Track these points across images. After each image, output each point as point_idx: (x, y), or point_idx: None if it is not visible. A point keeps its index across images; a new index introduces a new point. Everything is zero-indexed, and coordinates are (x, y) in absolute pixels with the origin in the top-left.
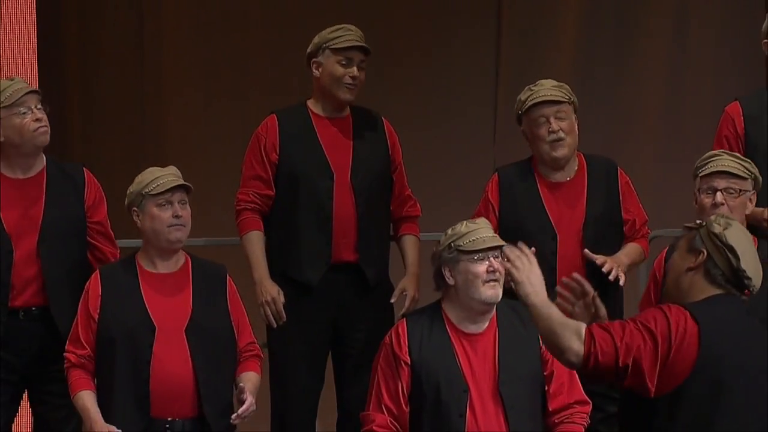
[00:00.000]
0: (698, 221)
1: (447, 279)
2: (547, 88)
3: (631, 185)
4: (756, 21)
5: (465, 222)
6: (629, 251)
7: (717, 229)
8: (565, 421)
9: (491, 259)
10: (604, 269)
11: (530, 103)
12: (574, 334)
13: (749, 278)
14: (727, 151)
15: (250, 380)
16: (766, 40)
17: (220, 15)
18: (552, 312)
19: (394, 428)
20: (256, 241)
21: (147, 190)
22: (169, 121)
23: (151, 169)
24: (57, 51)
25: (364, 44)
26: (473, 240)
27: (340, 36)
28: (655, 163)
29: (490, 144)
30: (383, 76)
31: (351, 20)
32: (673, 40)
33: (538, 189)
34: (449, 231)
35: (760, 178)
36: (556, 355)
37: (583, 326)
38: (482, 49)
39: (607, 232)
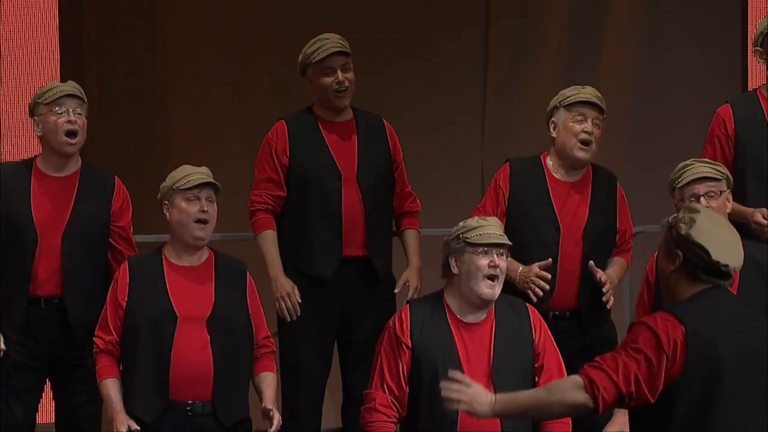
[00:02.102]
0: (669, 219)
1: (452, 268)
2: (593, 95)
3: (626, 199)
4: (728, 23)
5: (477, 217)
6: (619, 269)
7: (683, 230)
8: None
9: (494, 255)
10: (603, 289)
11: (577, 99)
12: (574, 389)
13: (726, 265)
14: (697, 159)
15: (269, 386)
16: (758, 48)
17: (225, 16)
18: (530, 393)
19: (394, 407)
20: (270, 240)
21: (178, 185)
22: (179, 120)
23: (184, 166)
24: (77, 56)
25: (339, 48)
26: (480, 234)
27: (316, 49)
28: (626, 162)
29: (478, 144)
30: (375, 80)
31: (345, 25)
32: (645, 43)
33: (546, 183)
34: (461, 223)
35: (731, 179)
36: (569, 415)
37: (576, 377)
38: (471, 55)
39: (603, 236)
